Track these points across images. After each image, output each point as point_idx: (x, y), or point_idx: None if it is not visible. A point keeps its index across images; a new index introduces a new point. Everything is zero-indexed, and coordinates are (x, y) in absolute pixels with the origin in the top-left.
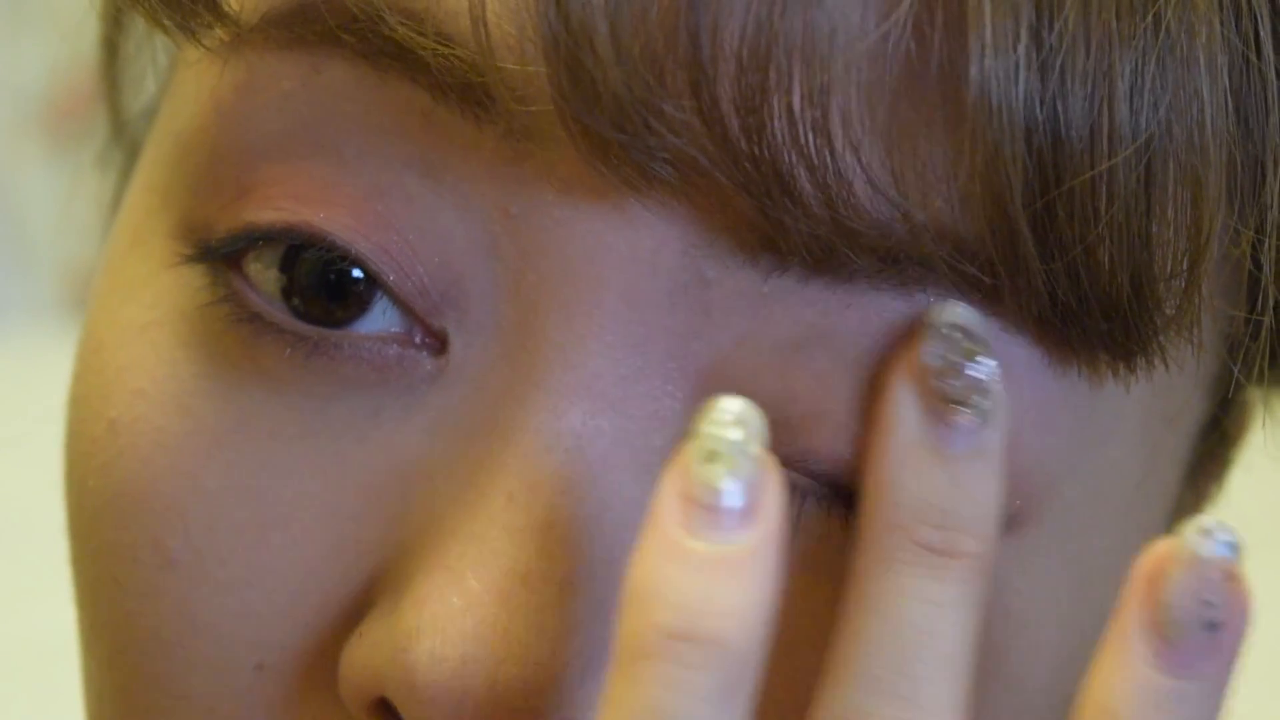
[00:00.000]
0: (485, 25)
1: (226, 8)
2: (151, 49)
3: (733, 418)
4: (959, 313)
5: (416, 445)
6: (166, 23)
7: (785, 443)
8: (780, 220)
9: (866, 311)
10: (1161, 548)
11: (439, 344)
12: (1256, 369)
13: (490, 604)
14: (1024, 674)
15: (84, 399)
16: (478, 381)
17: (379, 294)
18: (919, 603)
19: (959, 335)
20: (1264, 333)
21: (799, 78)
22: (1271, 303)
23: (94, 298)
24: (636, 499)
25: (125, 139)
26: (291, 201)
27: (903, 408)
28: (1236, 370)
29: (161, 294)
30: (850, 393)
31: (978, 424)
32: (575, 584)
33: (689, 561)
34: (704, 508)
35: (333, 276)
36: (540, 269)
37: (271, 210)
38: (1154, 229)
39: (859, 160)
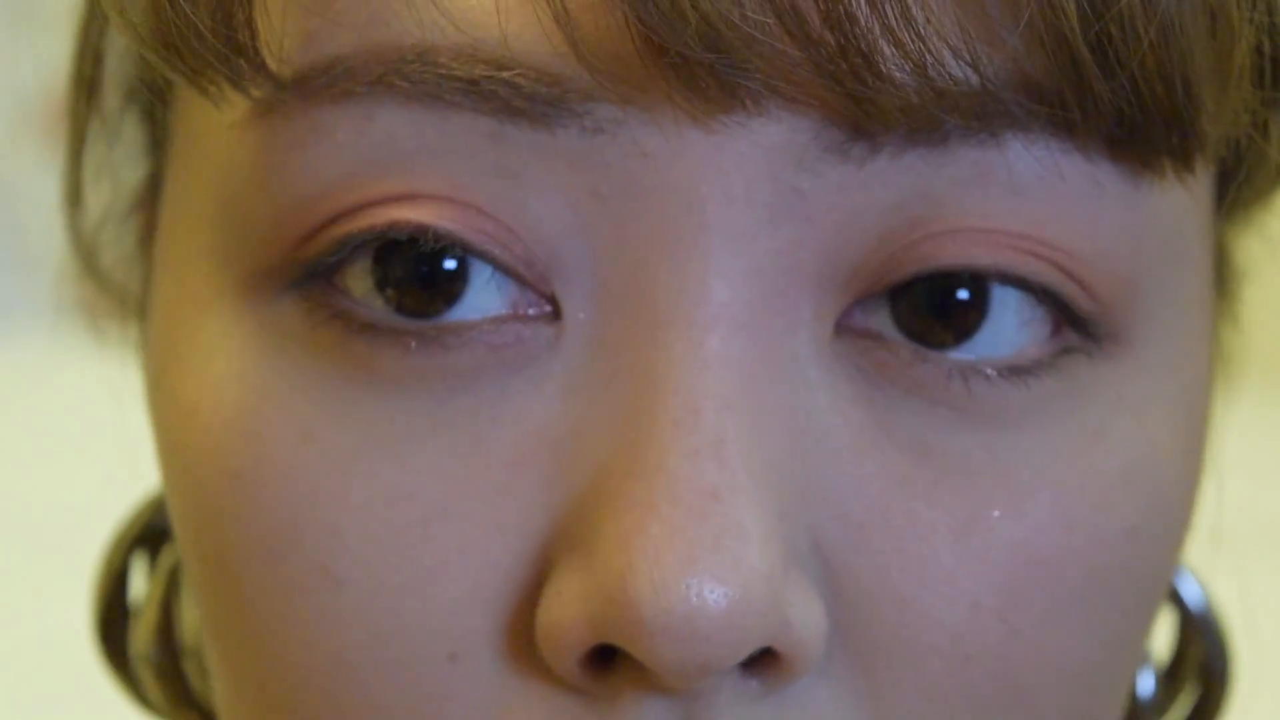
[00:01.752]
0: (572, 23)
1: (269, 64)
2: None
3: None
4: None
5: (554, 410)
6: (205, 80)
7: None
8: (873, 100)
9: (960, 166)
10: None
11: (553, 310)
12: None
13: (693, 524)
14: (1172, 501)
15: (194, 464)
16: (600, 339)
17: (470, 280)
18: None
19: None
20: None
21: None
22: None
23: (157, 373)
24: (786, 402)
25: (78, 200)
26: (379, 209)
27: None
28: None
29: (249, 337)
30: (951, 221)
31: None
32: (760, 488)
33: None
34: None
35: (425, 268)
36: (640, 233)
37: (363, 219)
38: (1192, 35)
39: (936, 25)
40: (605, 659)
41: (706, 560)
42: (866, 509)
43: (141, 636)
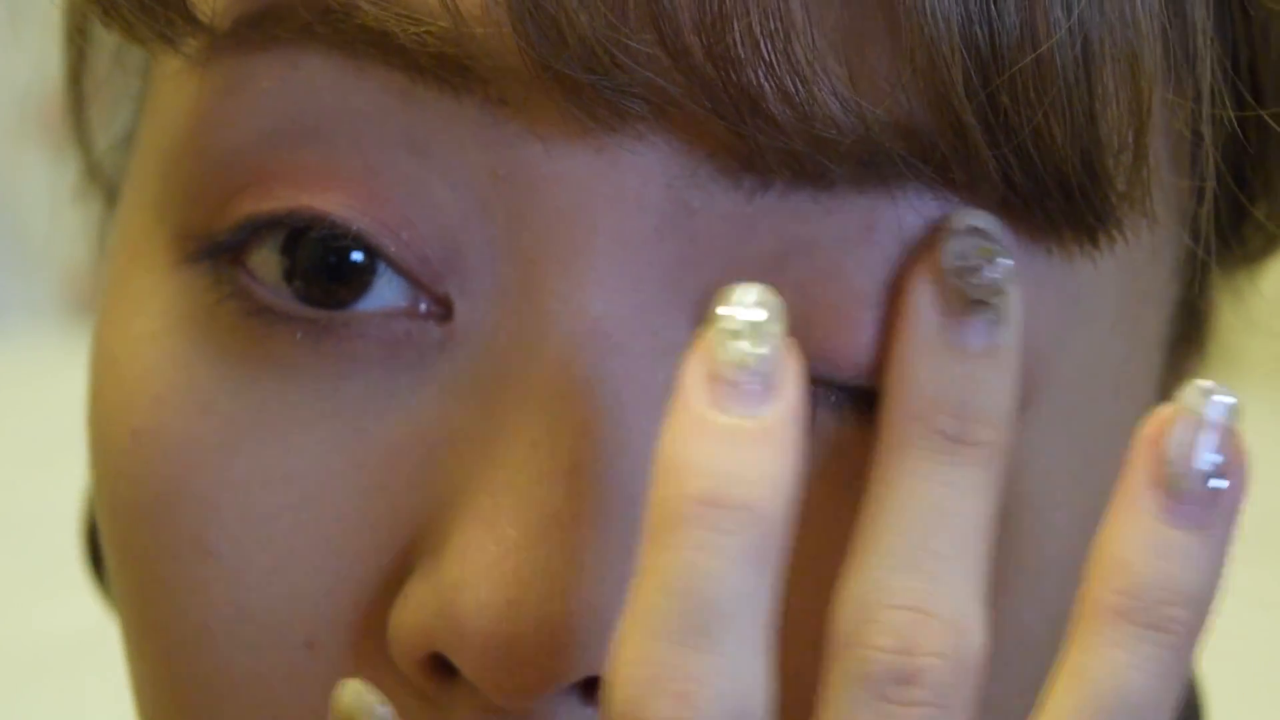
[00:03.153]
0: (462, 20)
1: (199, 15)
2: (118, 79)
3: (754, 299)
4: (979, 217)
5: (434, 412)
6: (142, 33)
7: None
8: (755, 139)
9: (847, 216)
10: (1164, 409)
11: (445, 311)
12: (1205, 238)
13: (527, 547)
14: (1037, 556)
15: (104, 414)
16: (486, 342)
17: (378, 273)
18: (938, 485)
19: (978, 238)
20: (1208, 198)
21: (755, 2)
22: (1213, 169)
23: (100, 318)
24: (651, 432)
25: (99, 177)
26: (289, 189)
27: (923, 307)
28: (1193, 243)
29: (169, 301)
30: (834, 298)
31: (994, 321)
32: (606, 519)
33: (717, 434)
34: (729, 383)
35: (333, 259)
36: (533, 225)
37: (270, 200)
38: (1096, 106)
39: (819, 71)
40: (450, 667)
41: (533, 585)
42: None
43: None
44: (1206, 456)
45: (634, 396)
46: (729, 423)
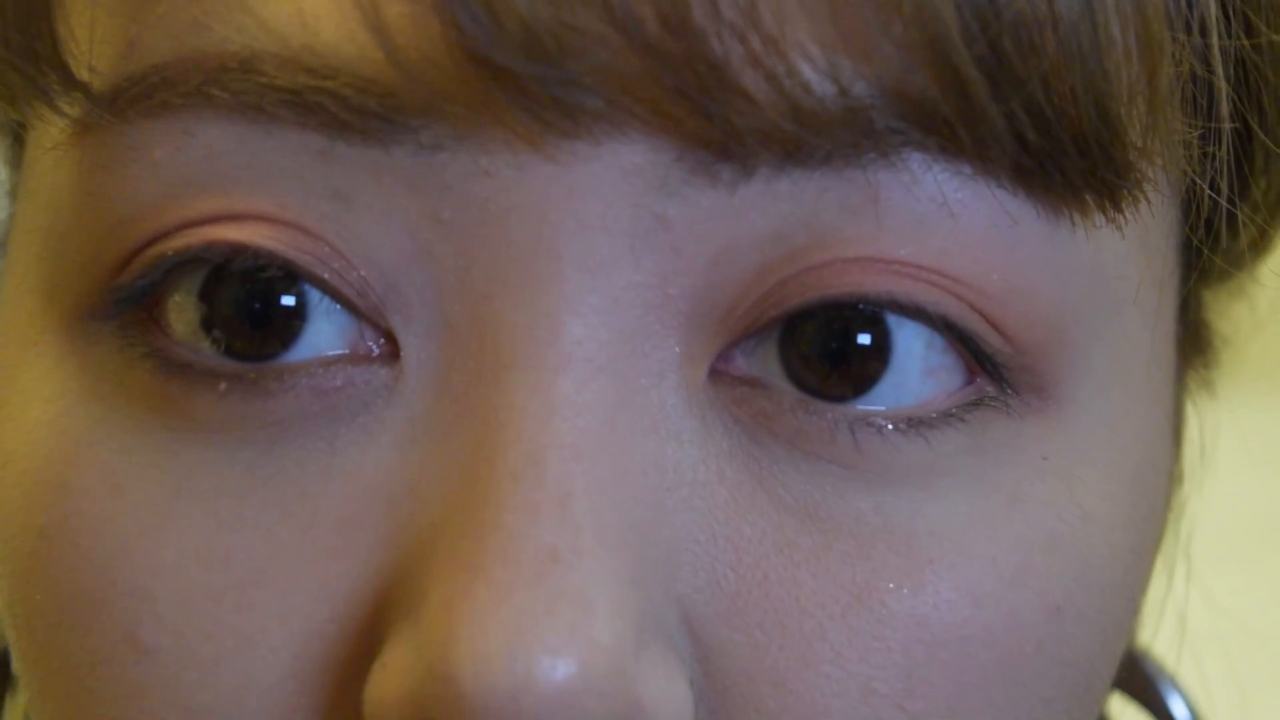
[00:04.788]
0: (389, 34)
1: (76, 72)
2: None
3: None
4: None
5: (388, 463)
6: (14, 91)
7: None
8: (728, 119)
9: (848, 188)
10: None
11: (391, 348)
12: (1223, 186)
13: (525, 589)
14: (1107, 579)
15: (5, 519)
16: (441, 383)
17: (309, 317)
18: None
19: None
20: (1225, 143)
21: None
22: (1227, 108)
23: None
24: (650, 456)
25: None
26: (199, 229)
27: None
28: (1208, 188)
29: (67, 381)
30: (836, 251)
31: None
32: (610, 551)
33: None
34: None
35: (257, 305)
36: (484, 263)
37: (178, 239)
38: (1105, 49)
39: (791, 33)
40: None
41: (538, 629)
42: (742, 578)
43: (16, 716)
44: None
45: (627, 419)
46: None
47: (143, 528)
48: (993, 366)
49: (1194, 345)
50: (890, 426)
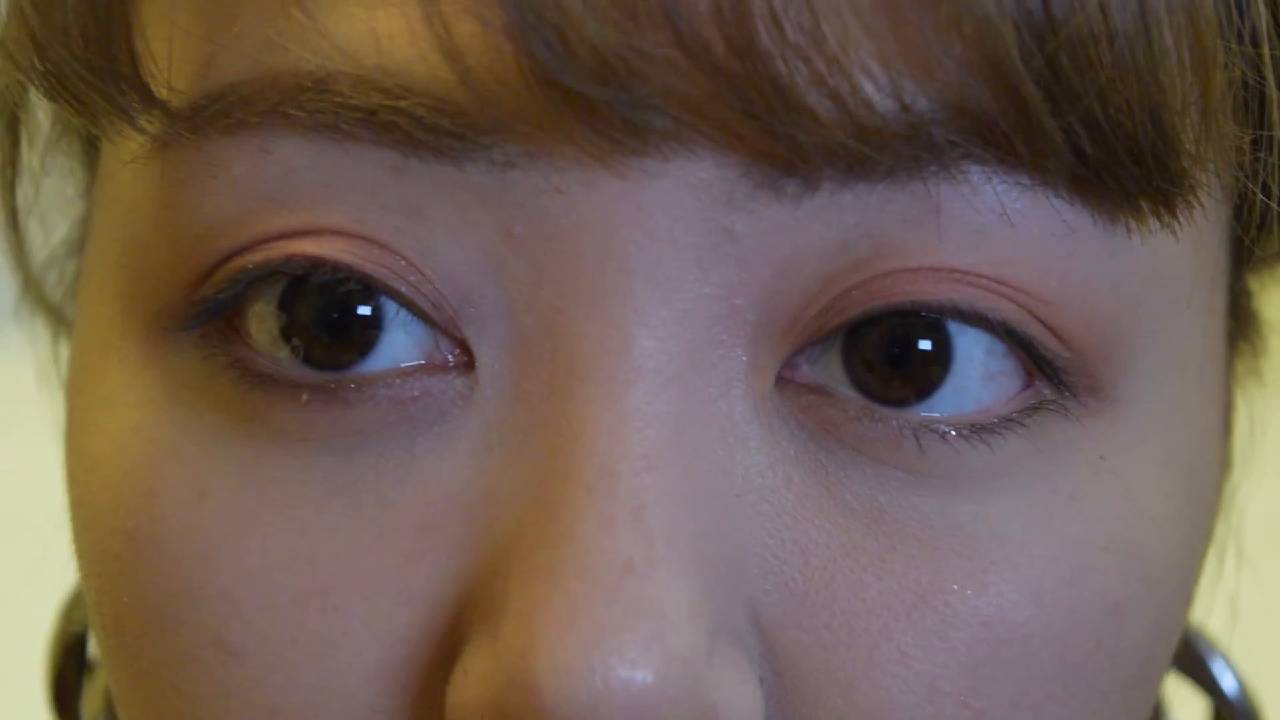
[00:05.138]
0: (462, 57)
1: (155, 90)
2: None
3: None
4: None
5: (465, 470)
6: (94, 109)
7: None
8: (792, 137)
9: (910, 200)
10: None
11: (467, 359)
12: (1258, 202)
13: (600, 601)
14: (1163, 575)
15: (92, 522)
16: (514, 392)
17: (385, 327)
18: None
19: None
20: (1277, 149)
21: None
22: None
23: (70, 424)
24: (720, 464)
25: (40, 298)
26: (278, 243)
27: None
28: (1260, 192)
29: (150, 388)
30: (899, 261)
31: None
32: (683, 560)
33: None
34: None
35: (335, 314)
36: (557, 278)
37: (261, 253)
38: (1159, 61)
39: (854, 54)
40: None
41: (615, 640)
42: (810, 580)
43: (94, 700)
44: None
45: (697, 430)
46: None
47: (227, 533)
48: (1051, 370)
49: (1242, 333)
50: (954, 433)
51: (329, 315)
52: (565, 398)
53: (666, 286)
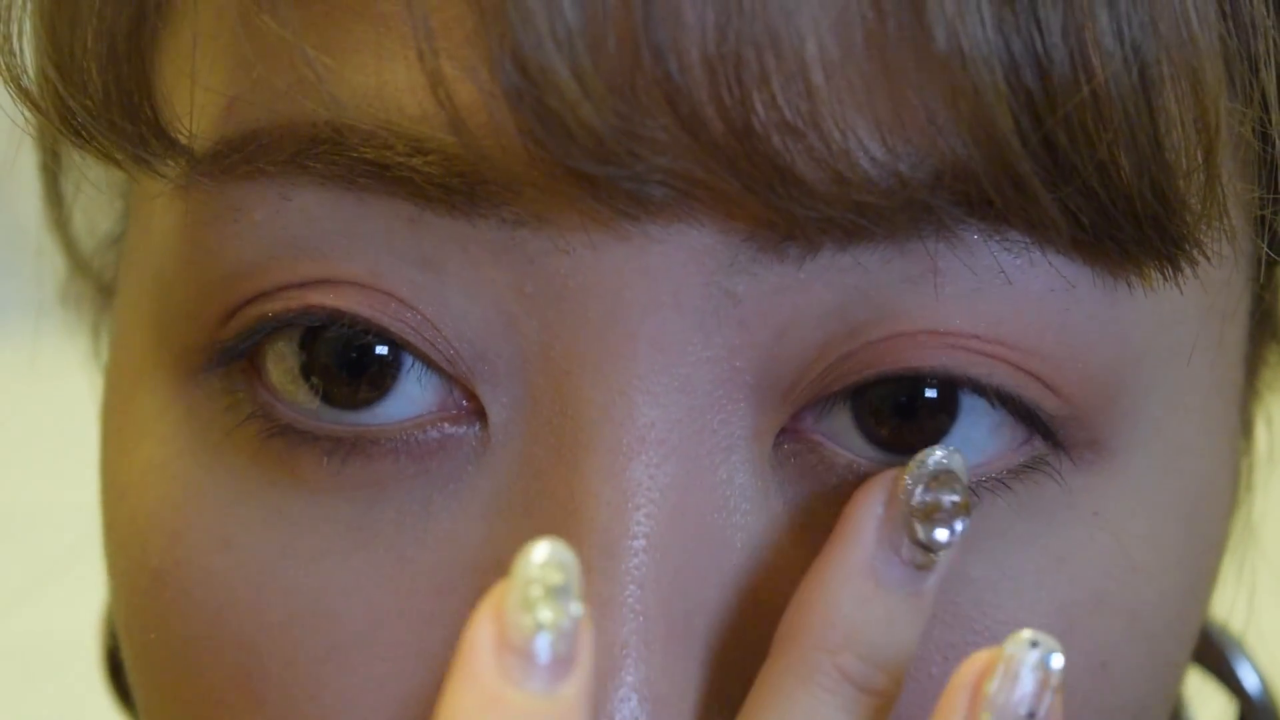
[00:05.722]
0: (464, 126)
1: (178, 135)
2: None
3: (551, 562)
4: (955, 459)
5: (477, 532)
6: (119, 157)
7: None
8: (791, 212)
9: (908, 262)
10: (983, 656)
11: (479, 412)
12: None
13: (601, 683)
14: (1157, 627)
15: (121, 552)
16: (524, 455)
17: (404, 370)
18: None
19: (950, 485)
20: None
21: (772, 66)
22: None
23: (105, 443)
24: (721, 535)
25: (88, 273)
26: (296, 293)
27: (866, 530)
28: (1266, 247)
29: (178, 424)
30: (895, 325)
31: (929, 570)
32: (678, 641)
33: (508, 711)
34: (523, 654)
35: (354, 354)
36: (565, 338)
37: (279, 301)
38: (1161, 131)
39: (851, 131)
40: None
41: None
42: None
43: None
44: (1024, 712)
45: (698, 500)
46: (524, 701)
47: (250, 584)
48: (1047, 430)
49: (1274, 335)
50: None
51: (348, 355)
52: (571, 468)
53: (670, 351)
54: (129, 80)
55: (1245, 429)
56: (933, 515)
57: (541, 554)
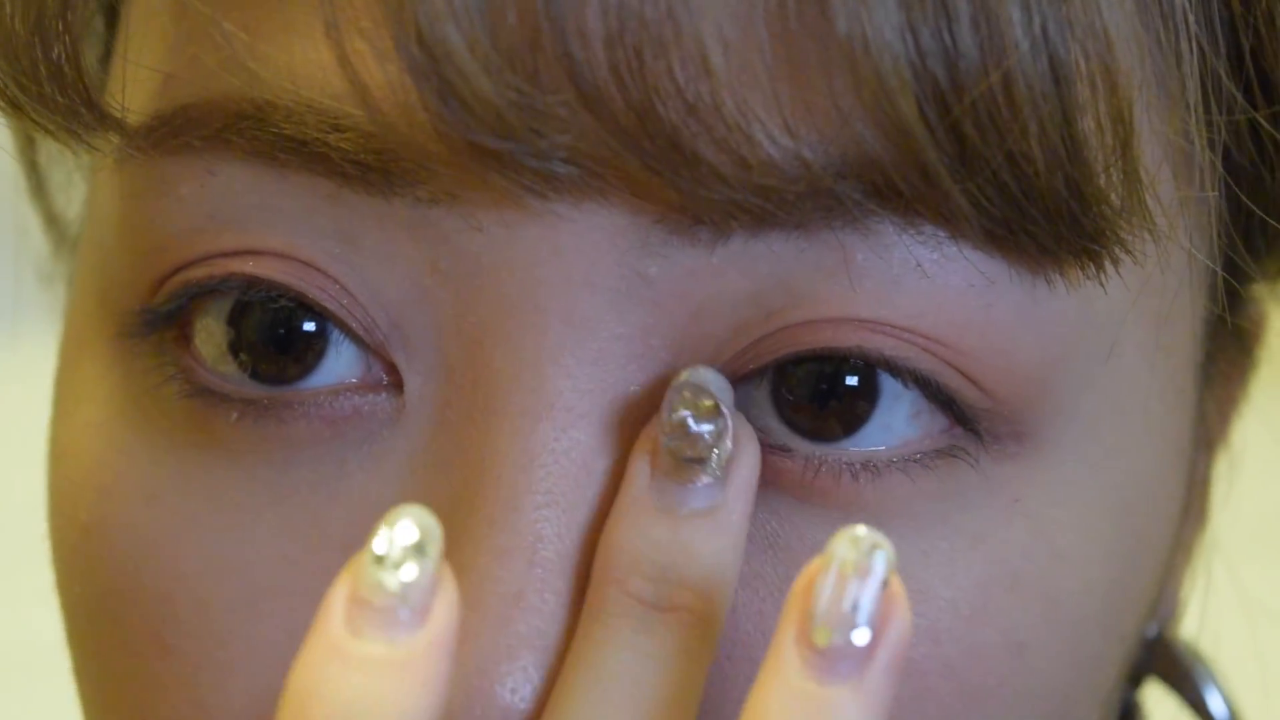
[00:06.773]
0: (374, 103)
1: (111, 110)
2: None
3: (407, 522)
4: (699, 374)
5: (390, 491)
6: (52, 129)
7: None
8: (697, 194)
9: (821, 251)
10: (814, 563)
11: (397, 381)
12: (1225, 249)
13: (490, 630)
14: (1078, 614)
15: (58, 508)
16: (438, 418)
17: (330, 344)
18: (628, 653)
19: (692, 393)
20: (1213, 210)
21: (672, 45)
22: (1214, 178)
23: (53, 408)
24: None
25: (69, 244)
26: (220, 261)
27: (637, 464)
28: (1209, 259)
29: (114, 389)
30: (810, 312)
31: (710, 482)
32: (574, 593)
33: (352, 662)
34: (371, 608)
35: (282, 331)
36: (478, 311)
37: (204, 269)
38: (1073, 125)
39: (754, 114)
40: None
41: (498, 670)
42: None
43: None
44: (851, 607)
45: (605, 464)
46: (365, 651)
47: (169, 536)
48: (966, 418)
49: (1231, 352)
50: (852, 470)
51: (275, 331)
52: (481, 429)
53: (582, 327)
54: (58, 52)
55: (1206, 443)
56: (683, 428)
57: (399, 515)
